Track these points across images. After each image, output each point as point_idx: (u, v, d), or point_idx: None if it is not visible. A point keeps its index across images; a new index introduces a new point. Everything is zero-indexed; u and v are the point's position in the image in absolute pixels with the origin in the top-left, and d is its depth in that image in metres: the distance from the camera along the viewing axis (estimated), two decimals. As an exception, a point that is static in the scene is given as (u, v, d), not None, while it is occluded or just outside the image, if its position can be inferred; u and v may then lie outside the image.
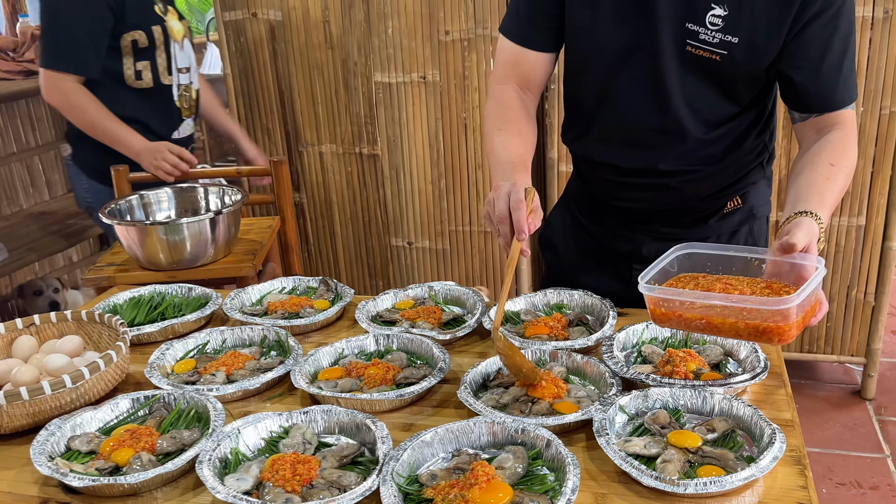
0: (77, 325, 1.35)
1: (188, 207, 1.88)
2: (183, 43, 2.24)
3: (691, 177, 1.37)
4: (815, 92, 1.24)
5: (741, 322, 1.01)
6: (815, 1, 1.17)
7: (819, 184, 1.17)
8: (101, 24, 2.01)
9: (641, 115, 1.30)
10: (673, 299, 1.05)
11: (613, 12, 1.25)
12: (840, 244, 2.53)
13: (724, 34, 1.20)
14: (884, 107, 2.35)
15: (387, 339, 1.31)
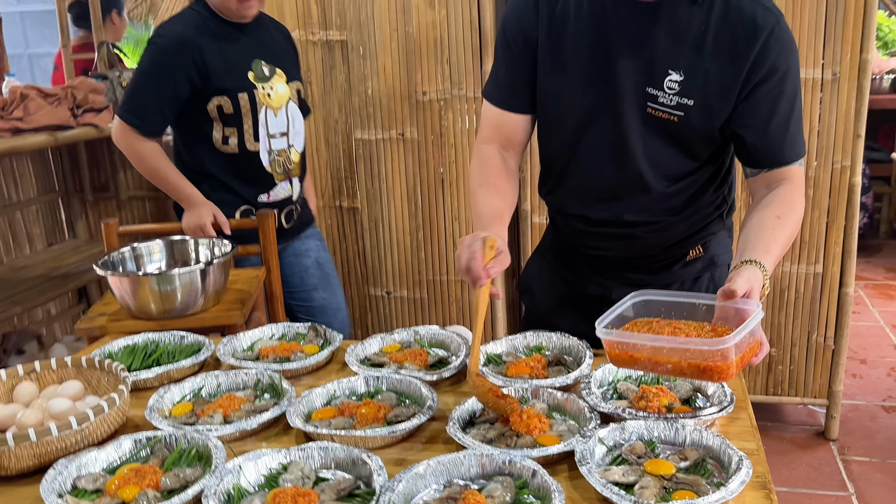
0: (77, 371, 1.40)
1: (179, 258, 1.95)
2: (287, 106, 2.19)
3: (654, 227, 1.48)
4: (764, 149, 1.36)
5: (685, 362, 1.12)
6: (762, 67, 1.30)
7: (765, 235, 1.28)
8: (174, 88, 2.03)
9: (607, 170, 1.41)
10: (626, 342, 1.17)
11: (580, 78, 1.37)
12: (799, 291, 2.66)
13: (681, 97, 1.33)
14: (835, 161, 2.50)
15: (376, 380, 1.38)
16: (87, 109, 2.76)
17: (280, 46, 2.23)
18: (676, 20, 1.31)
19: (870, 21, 2.36)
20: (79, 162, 3.30)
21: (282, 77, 2.17)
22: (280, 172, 2.20)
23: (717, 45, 1.30)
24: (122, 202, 3.33)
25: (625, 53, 1.33)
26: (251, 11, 2.07)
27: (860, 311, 3.94)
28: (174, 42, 2.03)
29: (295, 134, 2.22)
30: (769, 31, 1.29)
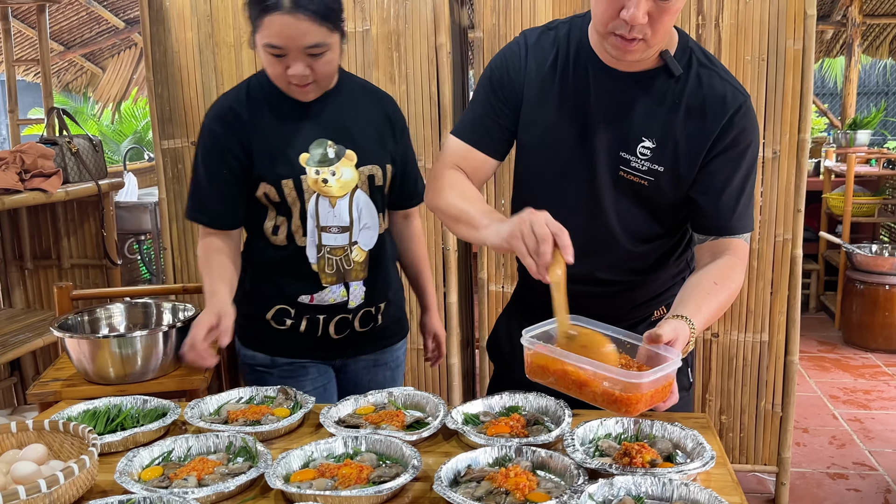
0: (38, 434, 1.33)
1: (138, 322, 1.89)
2: (353, 196, 1.75)
3: (622, 286, 1.53)
4: (714, 216, 1.43)
5: (599, 388, 1.19)
6: (724, 139, 1.38)
7: (699, 296, 1.35)
8: (228, 170, 1.72)
9: (580, 226, 1.45)
10: (549, 355, 1.23)
11: (560, 135, 1.44)
12: (747, 359, 2.73)
13: (652, 163, 1.40)
14: (777, 234, 2.62)
15: (355, 440, 1.35)
16: (36, 174, 2.70)
17: (364, 121, 1.79)
18: (653, 92, 1.39)
19: (806, 104, 2.53)
20: (20, 228, 3.20)
21: (351, 160, 1.73)
22: (330, 273, 1.77)
23: (688, 118, 1.39)
24: (63, 270, 3.23)
25: (603, 118, 1.40)
26: (305, 97, 1.69)
27: (799, 382, 4.04)
28: (218, 118, 1.72)
29: (361, 229, 1.78)
30: (736, 108, 1.38)
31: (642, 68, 1.40)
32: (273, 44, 1.57)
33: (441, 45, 2.63)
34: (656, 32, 1.29)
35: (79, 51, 6.42)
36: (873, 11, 6.24)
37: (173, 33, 2.78)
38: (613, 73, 1.40)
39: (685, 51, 1.42)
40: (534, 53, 1.46)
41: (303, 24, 1.54)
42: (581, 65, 1.43)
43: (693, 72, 1.40)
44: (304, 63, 1.60)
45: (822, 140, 5.91)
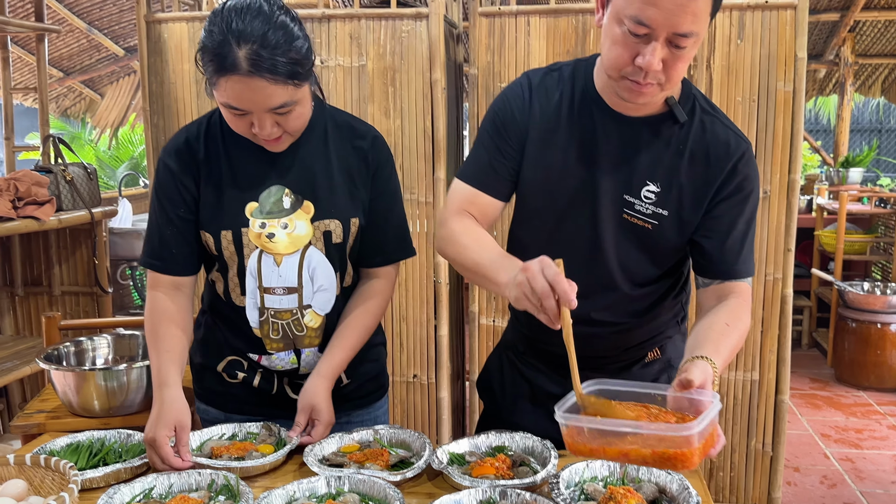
0: (18, 469, 1.32)
1: (124, 354, 1.88)
2: (304, 254, 1.53)
3: (618, 328, 1.52)
4: (720, 261, 1.44)
5: (648, 449, 1.09)
6: (729, 184, 1.40)
7: (714, 337, 1.32)
8: (178, 209, 1.53)
9: (579, 266, 1.45)
10: (588, 427, 1.13)
11: (564, 177, 1.44)
12: (738, 398, 2.73)
13: (657, 207, 1.41)
14: (768, 273, 2.63)
15: (338, 480, 1.34)
16: (29, 202, 2.70)
17: (334, 166, 1.55)
18: (659, 137, 1.41)
19: (797, 145, 2.55)
20: (11, 254, 3.19)
21: (307, 212, 1.51)
22: (276, 339, 1.56)
23: (692, 163, 1.40)
24: (54, 297, 3.21)
25: (609, 162, 1.41)
26: (278, 148, 1.50)
27: (790, 420, 4.04)
28: (172, 153, 1.53)
29: (316, 291, 1.55)
30: (739, 155, 1.40)
31: (648, 113, 1.41)
32: (233, 105, 1.37)
33: (436, 81, 2.65)
34: (670, 78, 1.29)
35: (78, 77, 6.46)
36: (865, 51, 6.32)
37: (170, 65, 2.81)
38: (619, 117, 1.41)
39: (689, 97, 1.43)
40: (538, 94, 1.46)
41: (265, 87, 1.35)
42: (587, 108, 1.43)
43: (697, 118, 1.42)
44: (271, 121, 1.41)
45: (815, 177, 5.96)
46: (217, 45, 1.33)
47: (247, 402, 1.64)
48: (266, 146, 1.49)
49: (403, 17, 2.67)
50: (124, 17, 5.89)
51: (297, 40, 1.37)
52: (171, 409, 1.45)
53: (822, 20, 5.69)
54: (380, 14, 2.69)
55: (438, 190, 2.70)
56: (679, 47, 1.25)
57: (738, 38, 2.55)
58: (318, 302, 1.57)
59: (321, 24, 2.70)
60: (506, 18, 2.66)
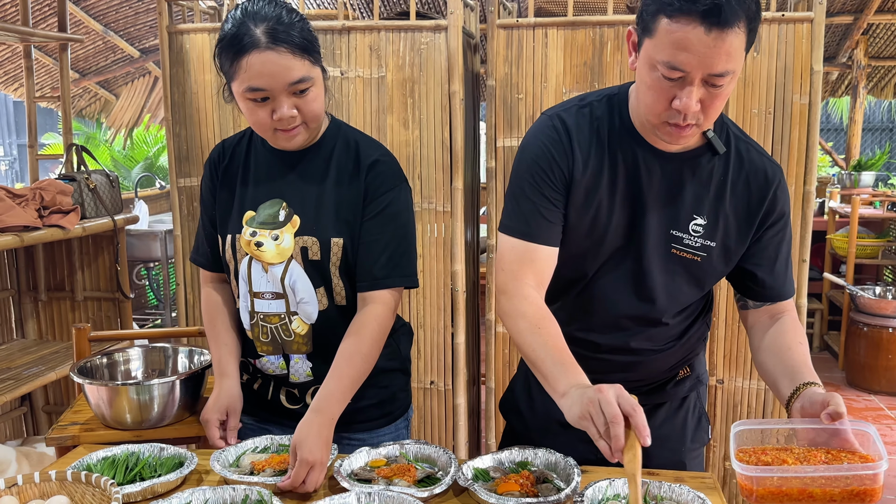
0: (60, 485, 1.37)
1: (156, 367, 1.93)
2: (288, 265, 1.58)
3: (657, 354, 1.56)
4: (771, 286, 1.49)
5: (836, 489, 1.12)
6: (773, 213, 1.45)
7: (804, 360, 1.39)
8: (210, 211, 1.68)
9: (624, 302, 1.49)
10: (772, 476, 1.14)
11: (611, 219, 1.45)
12: (751, 406, 2.76)
13: (705, 240, 1.44)
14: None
15: (369, 496, 1.38)
16: (54, 211, 2.75)
17: (328, 186, 1.59)
18: (700, 170, 1.43)
19: (812, 157, 2.58)
20: (35, 260, 3.25)
21: (294, 227, 1.58)
22: (265, 342, 1.63)
23: (734, 193, 1.44)
24: (76, 302, 3.27)
25: (654, 198, 1.43)
26: (293, 142, 1.55)
27: (801, 425, 4.06)
28: (210, 159, 1.69)
29: (299, 302, 1.60)
30: (777, 181, 1.45)
31: (688, 147, 1.43)
32: (255, 86, 1.44)
33: (454, 93, 2.68)
34: (708, 117, 1.30)
35: (94, 78, 6.52)
36: (878, 54, 6.32)
37: (192, 75, 2.85)
38: (660, 153, 1.43)
39: (723, 127, 1.45)
40: (577, 135, 1.44)
41: (284, 58, 1.43)
42: (627, 146, 1.44)
43: (733, 148, 1.44)
44: (289, 103, 1.47)
45: (827, 180, 5.97)
46: (236, 28, 1.44)
47: (248, 402, 1.70)
48: (285, 142, 1.54)
49: (422, 29, 2.70)
50: (140, 20, 5.94)
51: (304, 24, 1.49)
52: (226, 397, 1.63)
53: (836, 23, 5.69)
54: (399, 26, 2.72)
55: (456, 199, 2.73)
56: (715, 86, 1.25)
57: (755, 50, 2.58)
58: (304, 312, 1.62)
59: (341, 36, 2.73)
60: (523, 30, 2.69)
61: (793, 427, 1.26)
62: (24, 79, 5.95)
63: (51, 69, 5.84)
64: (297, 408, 1.68)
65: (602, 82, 2.66)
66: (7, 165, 12.56)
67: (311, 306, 1.61)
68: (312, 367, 1.64)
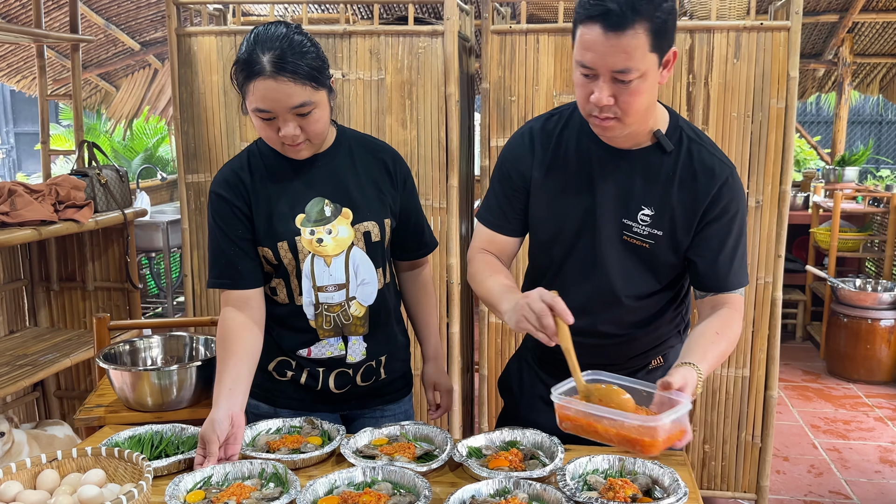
0: (95, 459, 1.52)
1: (175, 354, 2.08)
2: (349, 253, 1.76)
3: (623, 339, 1.72)
4: (712, 276, 1.63)
5: (620, 433, 1.36)
6: (715, 208, 1.59)
7: (703, 345, 1.53)
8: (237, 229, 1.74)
9: (586, 285, 1.67)
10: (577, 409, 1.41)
11: (568, 210, 1.65)
12: (729, 393, 2.92)
13: (652, 228, 1.61)
14: (759, 277, 2.82)
15: (373, 471, 1.54)
16: (69, 205, 2.89)
17: (362, 177, 1.80)
18: (650, 166, 1.60)
19: (788, 158, 2.73)
20: (47, 251, 3.38)
21: (347, 218, 1.75)
22: (328, 329, 1.79)
23: (681, 188, 1.60)
24: (87, 292, 3.41)
25: (607, 191, 1.62)
26: (299, 155, 1.72)
27: (781, 412, 4.24)
28: (223, 183, 1.75)
29: (360, 285, 1.78)
30: (724, 180, 1.59)
31: (638, 145, 1.61)
32: (260, 108, 1.61)
33: (450, 95, 2.83)
34: (626, 111, 1.47)
35: (95, 70, 6.62)
36: (864, 51, 6.46)
37: (200, 76, 2.98)
38: (613, 150, 1.61)
39: (675, 129, 1.62)
40: (539, 139, 1.67)
41: (286, 86, 1.58)
42: (584, 145, 1.63)
43: (684, 147, 1.60)
44: (293, 123, 1.63)
45: (812, 175, 6.12)
46: (247, 55, 1.61)
47: (293, 398, 1.85)
48: (292, 154, 1.71)
49: (420, 33, 2.84)
50: (141, 14, 6.04)
51: (311, 51, 1.62)
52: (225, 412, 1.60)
53: (822, 21, 5.83)
54: (398, 31, 2.86)
55: (452, 196, 2.88)
56: (623, 82, 1.43)
57: (735, 57, 2.73)
58: (362, 294, 1.81)
59: (343, 39, 2.87)
60: (516, 36, 2.83)
61: (633, 386, 1.48)
62: (24, 71, 6.08)
63: (53, 62, 5.94)
64: (344, 391, 1.85)
65: (590, 86, 2.80)
66: (4, 154, 12.62)
67: (371, 286, 1.81)
68: (367, 348, 1.84)
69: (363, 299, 1.81)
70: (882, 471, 3.57)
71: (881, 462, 3.66)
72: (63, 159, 8.07)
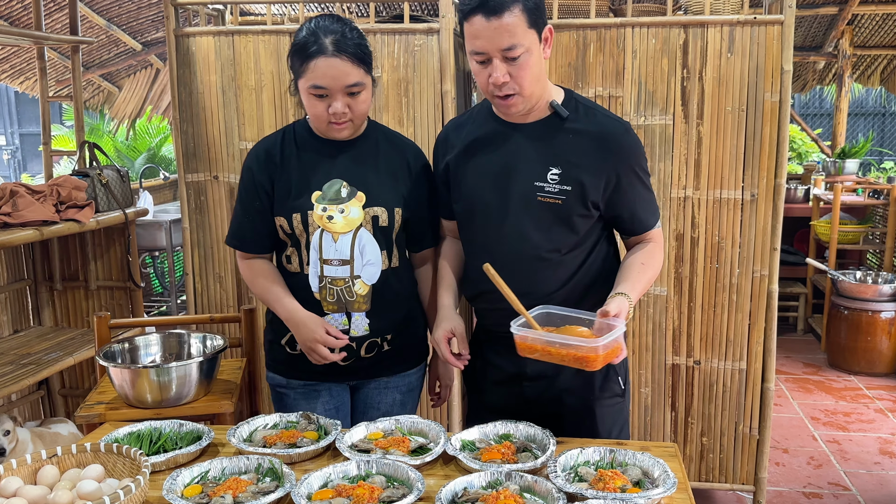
0: (94, 455, 1.55)
1: (173, 351, 2.10)
2: (356, 233, 1.90)
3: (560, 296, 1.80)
4: (633, 221, 1.83)
5: (568, 353, 1.56)
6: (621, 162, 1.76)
7: (632, 277, 1.75)
8: (260, 202, 1.93)
9: (510, 246, 1.80)
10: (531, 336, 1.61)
11: (483, 183, 1.81)
12: (727, 385, 2.94)
13: (562, 185, 1.74)
14: (755, 270, 2.84)
15: (367, 464, 1.57)
16: (71, 205, 2.92)
17: (381, 166, 1.96)
18: (550, 131, 1.77)
19: (782, 152, 2.74)
20: (50, 252, 3.42)
21: (360, 201, 1.90)
22: (331, 302, 1.92)
23: (582, 146, 1.75)
24: (90, 291, 3.44)
25: (516, 161, 1.78)
26: (341, 134, 1.89)
27: (782, 404, 4.26)
28: (254, 158, 1.95)
29: (364, 265, 1.92)
30: (622, 131, 1.77)
31: (538, 118, 1.77)
32: (317, 84, 1.79)
33: (447, 92, 2.85)
34: (521, 85, 1.66)
35: (97, 71, 6.65)
36: (864, 43, 6.46)
37: (198, 76, 3.01)
38: (516, 126, 1.79)
39: (571, 100, 1.80)
40: (454, 133, 1.90)
41: (344, 65, 1.78)
42: (490, 126, 1.82)
43: (581, 113, 1.78)
44: (343, 101, 1.82)
45: (813, 167, 6.12)
46: (308, 37, 1.80)
47: (303, 370, 1.98)
48: (335, 132, 1.89)
49: (416, 31, 2.86)
50: (142, 14, 6.07)
51: (363, 41, 1.84)
52: (311, 319, 1.89)
53: (822, 14, 5.83)
54: (394, 29, 2.88)
55: (449, 193, 2.90)
56: (514, 59, 1.63)
57: (729, 51, 2.74)
58: (367, 274, 1.94)
59: (339, 38, 2.89)
60: (511, 33, 2.84)
61: (576, 315, 1.68)
62: (28, 73, 6.12)
63: (55, 63, 5.98)
64: (349, 363, 1.97)
65: (585, 82, 2.82)
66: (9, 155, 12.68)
67: (375, 267, 1.94)
68: (370, 323, 1.95)
69: (367, 279, 1.93)
70: (882, 462, 3.59)
71: (881, 454, 3.68)
72: (66, 160, 8.13)
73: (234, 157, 3.03)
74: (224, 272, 3.13)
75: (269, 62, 2.94)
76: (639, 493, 1.43)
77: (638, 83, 2.80)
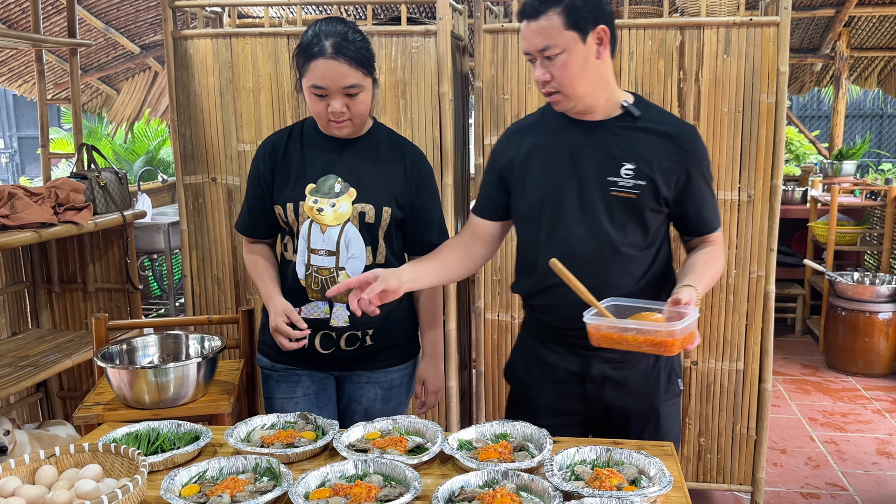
0: (92, 455, 1.55)
1: (171, 352, 2.11)
2: (344, 227, 1.97)
3: (631, 291, 1.81)
4: (698, 222, 1.87)
5: (645, 339, 1.58)
6: (692, 164, 1.80)
7: (697, 271, 1.77)
8: (263, 190, 2.05)
9: (586, 241, 1.80)
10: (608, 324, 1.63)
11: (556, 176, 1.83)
12: (724, 386, 2.95)
13: (636, 180, 1.77)
14: (752, 271, 2.84)
15: (364, 463, 1.57)
16: (69, 208, 2.92)
17: (378, 166, 2.01)
18: (623, 128, 1.80)
19: (779, 153, 2.75)
20: (48, 253, 3.42)
21: (351, 197, 1.97)
22: (315, 290, 2.00)
23: (654, 143, 1.79)
24: (88, 294, 3.44)
25: (588, 157, 1.81)
26: (341, 132, 1.96)
27: (779, 405, 4.27)
28: (262, 150, 2.07)
29: (349, 258, 1.99)
30: (694, 137, 1.82)
31: (608, 116, 1.81)
32: (317, 84, 1.86)
33: (444, 94, 2.85)
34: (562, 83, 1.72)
35: (95, 74, 6.66)
36: (861, 45, 6.47)
37: (196, 78, 3.01)
38: (585, 123, 1.82)
39: (641, 102, 1.84)
40: (516, 136, 1.93)
41: (342, 67, 1.84)
42: (559, 123, 1.84)
43: (651, 113, 1.83)
44: (342, 101, 1.88)
45: (810, 169, 6.14)
46: (310, 39, 1.87)
47: (289, 355, 2.04)
48: (335, 130, 1.95)
49: (413, 33, 2.87)
50: (140, 17, 6.07)
51: (365, 44, 1.89)
52: (278, 306, 1.98)
53: (818, 16, 5.84)
54: (391, 31, 2.89)
55: (446, 194, 2.91)
56: (550, 58, 1.70)
57: (725, 53, 2.75)
58: (351, 267, 2.00)
59: (337, 40, 2.89)
60: (508, 34, 2.86)
61: (647, 306, 1.69)
62: (26, 76, 6.12)
63: (54, 66, 5.98)
64: (329, 352, 2.04)
65: (582, 83, 2.83)
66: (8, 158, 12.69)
67: (359, 261, 2.01)
68: (350, 316, 2.01)
69: (351, 271, 2.00)
70: (879, 462, 3.59)
71: (878, 454, 3.68)
72: (65, 163, 8.13)
73: (231, 159, 3.04)
74: (222, 274, 3.14)
75: (266, 64, 2.95)
76: (635, 491, 1.43)
77: (634, 85, 2.81)
